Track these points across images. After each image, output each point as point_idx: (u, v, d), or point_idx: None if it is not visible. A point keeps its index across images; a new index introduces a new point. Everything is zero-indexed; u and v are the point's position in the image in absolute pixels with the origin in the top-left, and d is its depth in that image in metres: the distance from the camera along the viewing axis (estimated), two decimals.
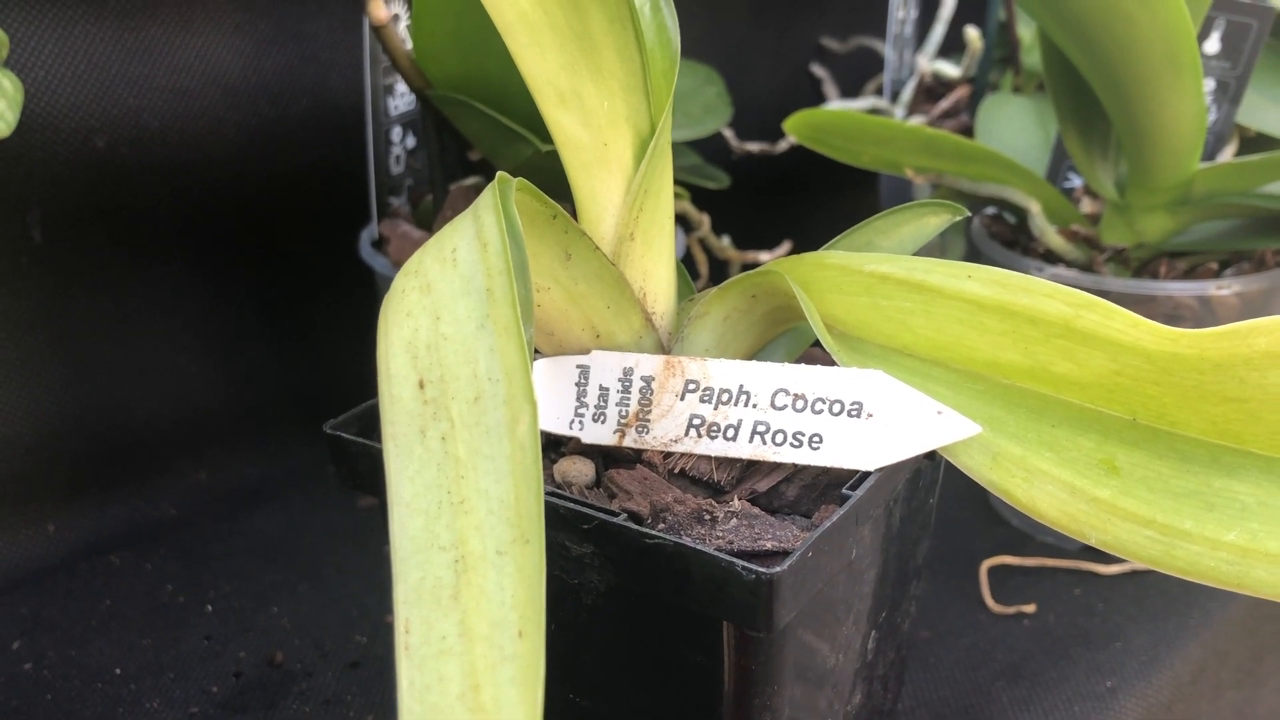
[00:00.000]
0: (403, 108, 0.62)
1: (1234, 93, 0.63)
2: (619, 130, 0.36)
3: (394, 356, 0.30)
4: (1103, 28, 0.48)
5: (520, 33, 0.34)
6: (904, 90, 0.84)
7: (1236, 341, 0.33)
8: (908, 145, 0.60)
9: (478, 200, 0.32)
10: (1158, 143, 0.56)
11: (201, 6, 0.60)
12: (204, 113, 0.61)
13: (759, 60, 0.93)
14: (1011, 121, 0.76)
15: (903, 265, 0.36)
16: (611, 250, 0.37)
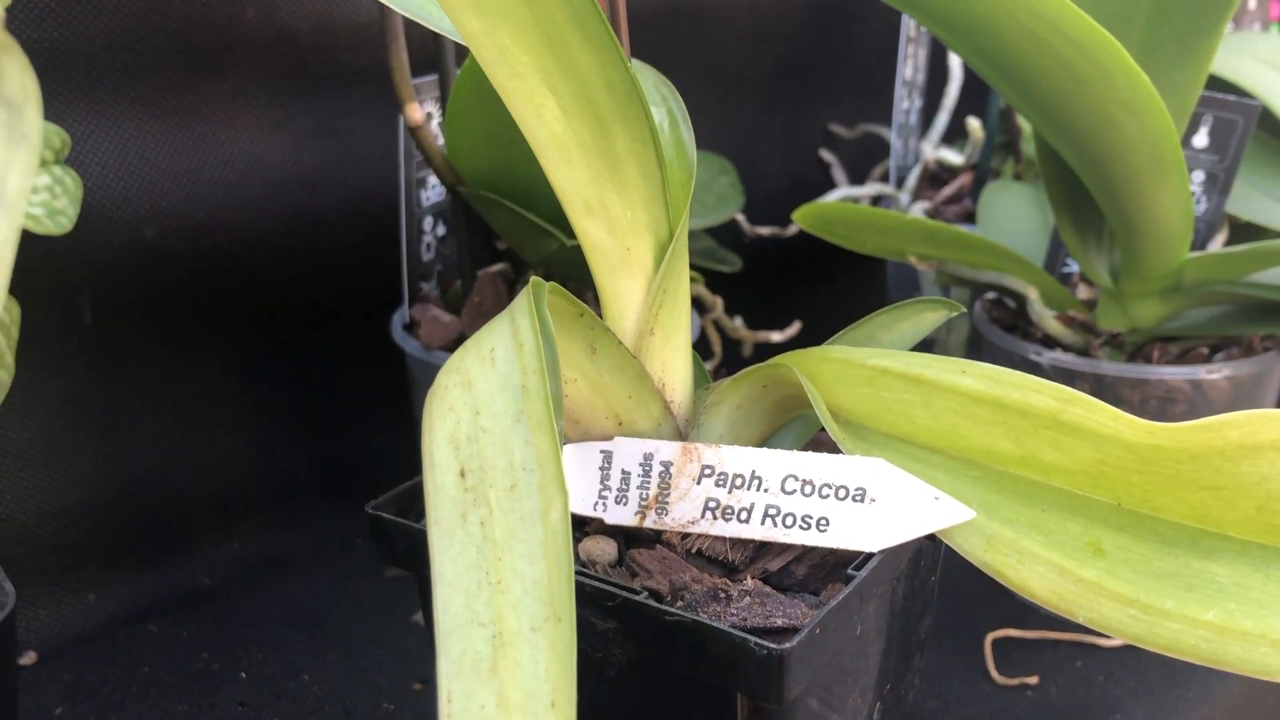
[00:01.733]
0: (433, 198, 0.65)
1: (1222, 184, 0.67)
2: (640, 237, 0.39)
3: (437, 447, 0.33)
4: (1092, 132, 0.52)
5: (552, 151, 0.37)
6: (909, 176, 0.88)
7: (1210, 434, 0.35)
8: (911, 235, 0.64)
9: (513, 303, 0.36)
10: (1148, 235, 0.59)
11: (246, 105, 0.64)
12: (246, 203, 0.65)
13: (770, 146, 0.97)
14: (1012, 208, 0.79)
15: (903, 360, 0.39)
16: (633, 344, 0.40)
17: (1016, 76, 0.50)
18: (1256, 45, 0.80)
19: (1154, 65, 0.58)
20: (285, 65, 0.65)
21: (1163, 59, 0.58)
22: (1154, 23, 0.57)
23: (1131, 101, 0.49)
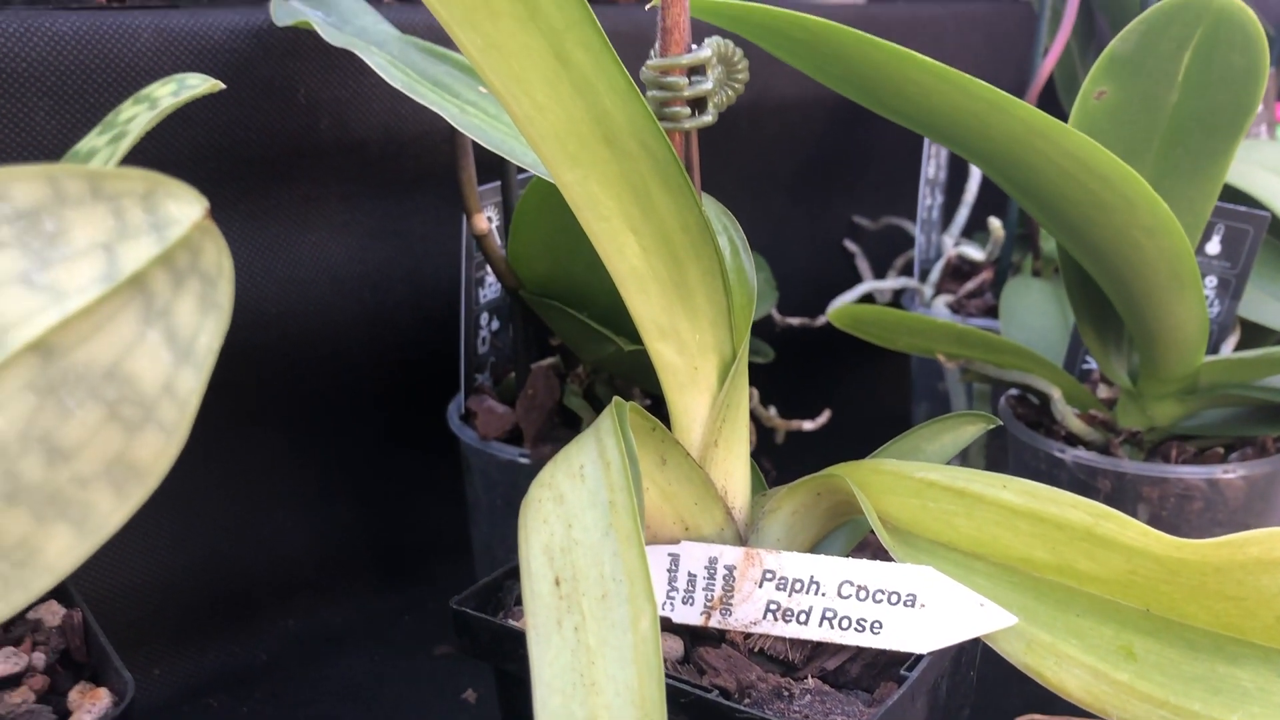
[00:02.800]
0: (490, 295, 0.69)
1: (1234, 289, 0.70)
2: (707, 357, 0.43)
3: (534, 557, 0.36)
4: (1114, 251, 0.56)
5: (631, 283, 0.41)
6: (933, 270, 0.92)
7: (1233, 550, 0.39)
8: (941, 337, 0.68)
9: (599, 422, 0.39)
10: (1165, 341, 0.62)
11: (317, 208, 0.69)
12: (314, 299, 0.69)
13: (798, 237, 1.01)
14: (1033, 305, 0.83)
15: (948, 474, 0.43)
16: (699, 455, 0.44)
17: (1042, 201, 0.54)
18: (1264, 152, 0.85)
19: (1170, 182, 0.62)
20: (353, 171, 0.69)
21: (1178, 177, 0.62)
22: (1170, 144, 0.61)
23: (1152, 226, 0.52)
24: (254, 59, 0.63)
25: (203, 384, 0.28)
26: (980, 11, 1.06)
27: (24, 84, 0.56)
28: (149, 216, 0.27)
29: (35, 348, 0.28)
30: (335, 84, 0.66)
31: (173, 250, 0.27)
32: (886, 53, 0.42)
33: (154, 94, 0.44)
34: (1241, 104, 0.59)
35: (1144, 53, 0.59)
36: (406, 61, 0.57)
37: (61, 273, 0.27)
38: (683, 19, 0.38)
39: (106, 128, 0.44)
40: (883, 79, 0.45)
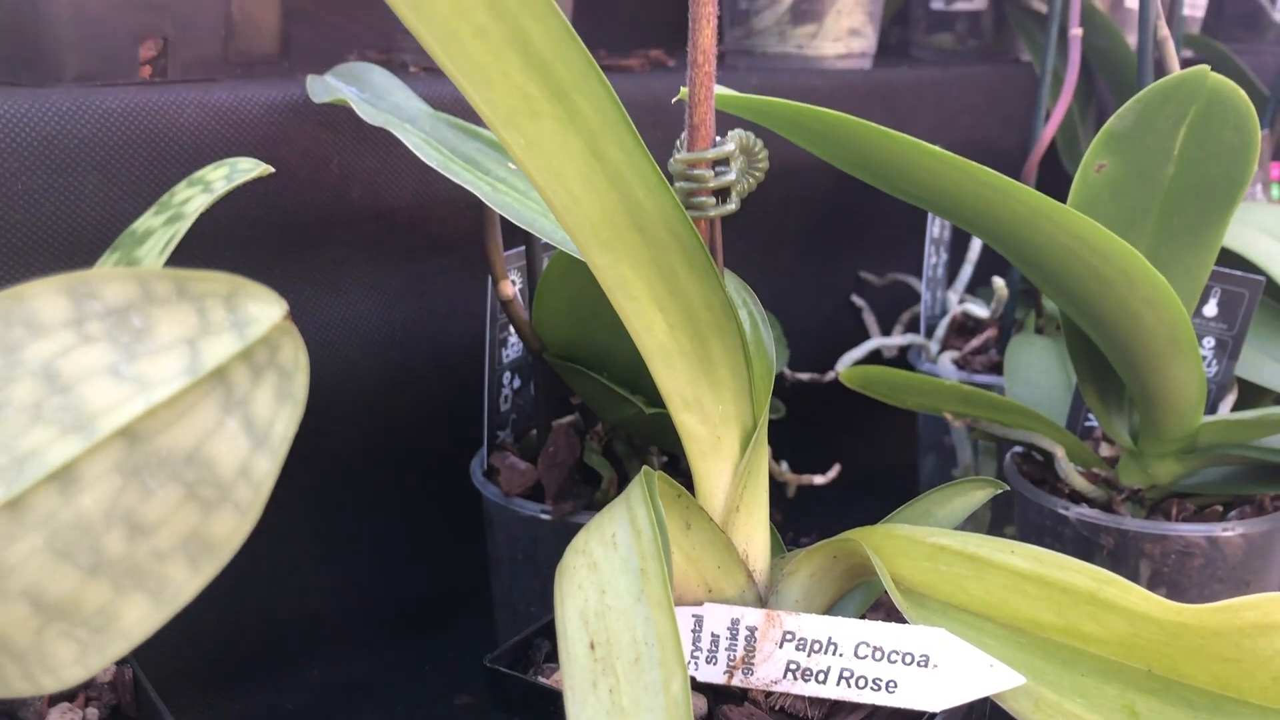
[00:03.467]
0: (513, 355, 0.72)
1: (1232, 350, 0.73)
2: (729, 427, 0.45)
3: (569, 621, 0.38)
4: (1114, 319, 0.58)
5: (658, 358, 0.44)
6: (939, 327, 0.94)
7: (1230, 615, 0.41)
8: (948, 397, 0.70)
9: (629, 491, 0.42)
10: (1165, 403, 0.65)
11: (347, 271, 0.71)
12: (343, 359, 0.72)
13: (806, 292, 1.04)
14: (1036, 362, 0.86)
15: (958, 539, 0.45)
16: (721, 520, 0.46)
17: (1045, 273, 0.57)
18: (1260, 215, 0.88)
19: (1168, 250, 0.65)
20: (383, 235, 0.72)
21: (1176, 245, 0.65)
22: (1167, 214, 0.64)
23: (1150, 298, 0.55)
24: (290, 132, 0.66)
25: (277, 467, 0.30)
26: (983, 74, 1.10)
27: (74, 159, 0.59)
28: (231, 315, 0.29)
29: (122, 434, 0.30)
30: (367, 154, 0.69)
31: (253, 347, 0.29)
32: (896, 142, 0.45)
33: (207, 177, 0.47)
34: (1235, 177, 0.62)
35: (1141, 129, 0.62)
36: (439, 138, 0.59)
37: (147, 365, 0.30)
38: (708, 118, 0.41)
39: (162, 208, 0.47)
40: (894, 165, 0.48)
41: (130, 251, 0.46)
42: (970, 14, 1.20)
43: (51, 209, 0.59)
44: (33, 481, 0.30)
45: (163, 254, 0.43)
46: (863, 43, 1.02)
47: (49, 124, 0.58)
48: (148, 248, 0.46)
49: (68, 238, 0.60)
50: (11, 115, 0.57)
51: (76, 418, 0.30)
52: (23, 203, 0.58)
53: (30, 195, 0.58)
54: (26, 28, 0.62)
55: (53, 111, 0.58)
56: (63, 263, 0.60)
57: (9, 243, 0.58)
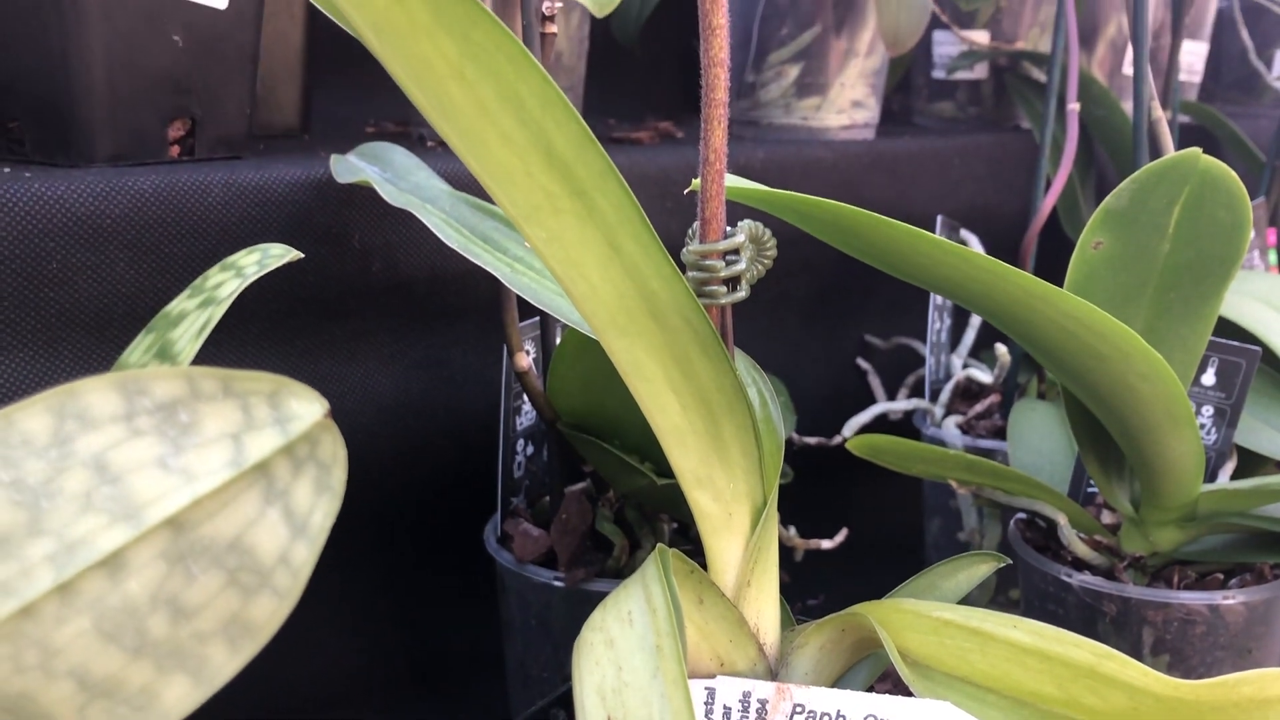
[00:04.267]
0: (526, 423, 0.74)
1: (1230, 418, 0.74)
2: (740, 504, 0.47)
3: (587, 696, 0.40)
4: (1111, 393, 0.60)
5: (671, 438, 0.45)
6: (943, 391, 0.96)
7: (1227, 690, 0.42)
8: (951, 465, 0.71)
9: (644, 569, 0.43)
10: (1164, 473, 0.66)
11: (365, 342, 0.73)
12: (362, 428, 0.74)
13: (812, 356, 1.06)
14: (1039, 427, 0.87)
15: (962, 613, 0.46)
16: (733, 594, 0.48)
17: (1043, 349, 0.59)
18: (1256, 284, 0.89)
19: (1164, 323, 0.67)
20: (400, 307, 0.74)
21: (1172, 318, 0.67)
22: (1163, 289, 0.66)
23: (1146, 373, 0.57)
24: (313, 209, 0.68)
25: (315, 555, 0.32)
26: (983, 143, 1.12)
27: (106, 239, 0.61)
28: (274, 412, 0.31)
29: (168, 523, 0.32)
30: (387, 229, 0.71)
31: (294, 442, 0.31)
32: (897, 230, 0.47)
33: (239, 262, 0.49)
34: (1228, 254, 0.64)
35: (1137, 208, 0.64)
36: (458, 218, 0.62)
37: (194, 458, 0.32)
38: (720, 212, 0.43)
39: (195, 291, 0.49)
40: (895, 251, 0.50)
41: (165, 333, 0.48)
42: (971, 83, 1.23)
43: (84, 286, 0.61)
44: (82, 567, 0.32)
45: (198, 338, 0.45)
46: (866, 114, 1.05)
47: (83, 205, 0.60)
48: (182, 330, 0.47)
49: (99, 314, 0.62)
50: (48, 197, 0.59)
51: (125, 507, 0.32)
52: (57, 280, 0.60)
53: (64, 273, 0.60)
54: (62, 109, 0.65)
55: (87, 193, 0.61)
56: (94, 337, 0.62)
57: (43, 319, 0.60)
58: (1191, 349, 0.67)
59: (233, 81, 0.71)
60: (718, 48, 0.41)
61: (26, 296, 0.59)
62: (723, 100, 0.42)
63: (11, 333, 0.59)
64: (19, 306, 0.59)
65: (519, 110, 0.38)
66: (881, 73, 1.06)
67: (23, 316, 0.59)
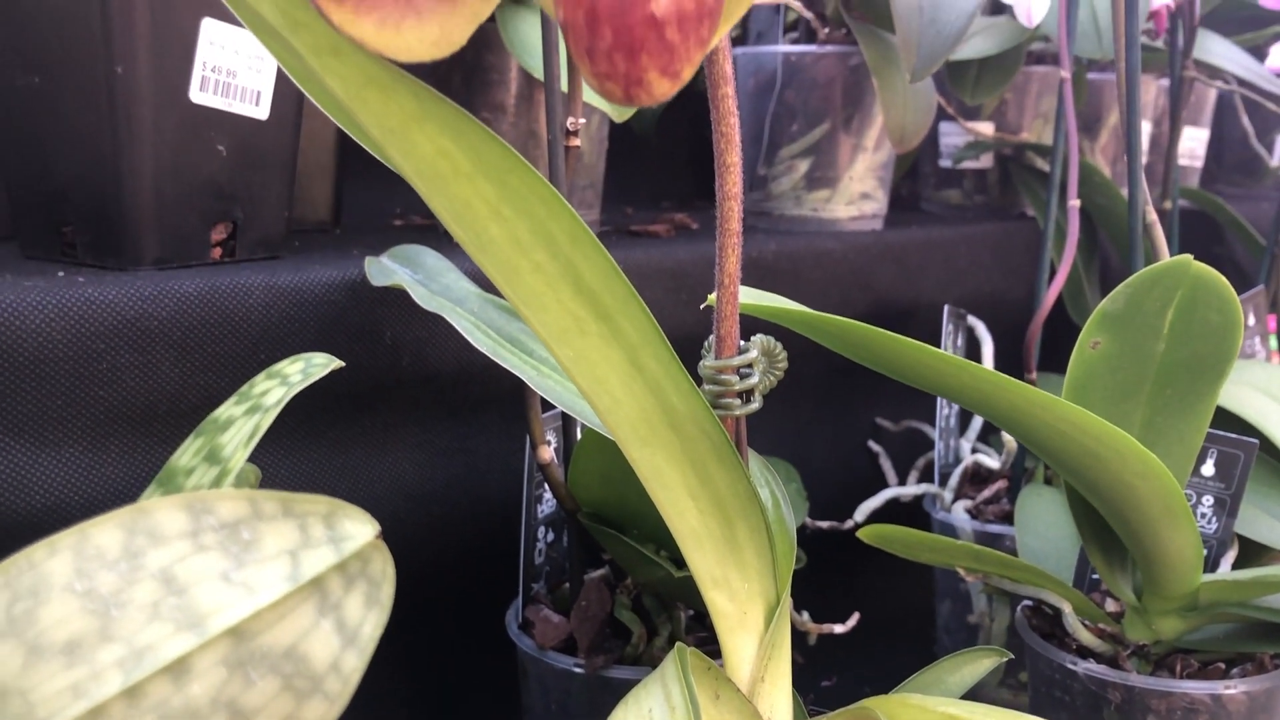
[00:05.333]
0: (547, 510, 0.76)
1: (1230, 508, 0.77)
2: (754, 603, 0.50)
3: None
4: (1110, 490, 0.63)
5: (689, 541, 0.48)
6: (952, 475, 0.99)
7: None
8: (958, 554, 0.74)
9: (664, 667, 0.46)
10: (1164, 564, 0.68)
11: (394, 432, 0.77)
12: (389, 515, 0.76)
13: (824, 439, 1.09)
14: (1045, 513, 0.89)
15: (966, 708, 0.49)
16: (748, 689, 0.50)
17: (1044, 450, 0.62)
18: (1255, 373, 0.92)
19: (1162, 419, 0.70)
20: (428, 398, 0.78)
21: (1169, 414, 0.69)
22: (1160, 386, 0.69)
23: (1143, 472, 0.59)
24: (347, 308, 0.72)
25: (364, 663, 0.35)
26: (989, 231, 1.16)
27: (153, 339, 0.65)
28: (329, 532, 0.34)
29: (230, 632, 0.35)
30: (416, 326, 0.75)
31: (347, 560, 0.34)
32: (904, 345, 0.50)
33: (284, 371, 0.53)
34: (1221, 353, 0.67)
35: (1132, 310, 0.67)
36: (486, 320, 0.65)
37: (254, 573, 0.35)
38: (734, 330, 0.47)
39: (243, 398, 0.53)
40: (899, 362, 0.53)
41: (213, 438, 0.51)
42: (977, 172, 1.27)
43: (131, 385, 0.64)
44: (149, 672, 0.35)
45: (247, 445, 0.48)
46: (874, 205, 1.08)
47: (132, 308, 0.64)
48: (230, 435, 0.51)
49: (144, 410, 0.65)
50: (99, 301, 0.63)
51: (190, 617, 0.35)
52: (106, 380, 0.64)
53: (112, 372, 0.64)
54: (112, 216, 0.69)
55: (135, 296, 0.64)
56: (139, 433, 0.65)
57: (93, 416, 0.63)
58: (1189, 442, 0.70)
59: (272, 186, 0.75)
60: (732, 183, 0.44)
61: (77, 394, 0.63)
62: (736, 230, 0.45)
63: (63, 429, 0.63)
64: (70, 404, 0.63)
65: (550, 245, 0.41)
66: (889, 166, 1.09)
67: (73, 414, 0.63)
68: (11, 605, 0.36)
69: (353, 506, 0.35)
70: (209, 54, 0.68)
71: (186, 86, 0.68)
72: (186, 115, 0.68)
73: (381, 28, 0.35)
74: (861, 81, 1.04)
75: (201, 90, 0.69)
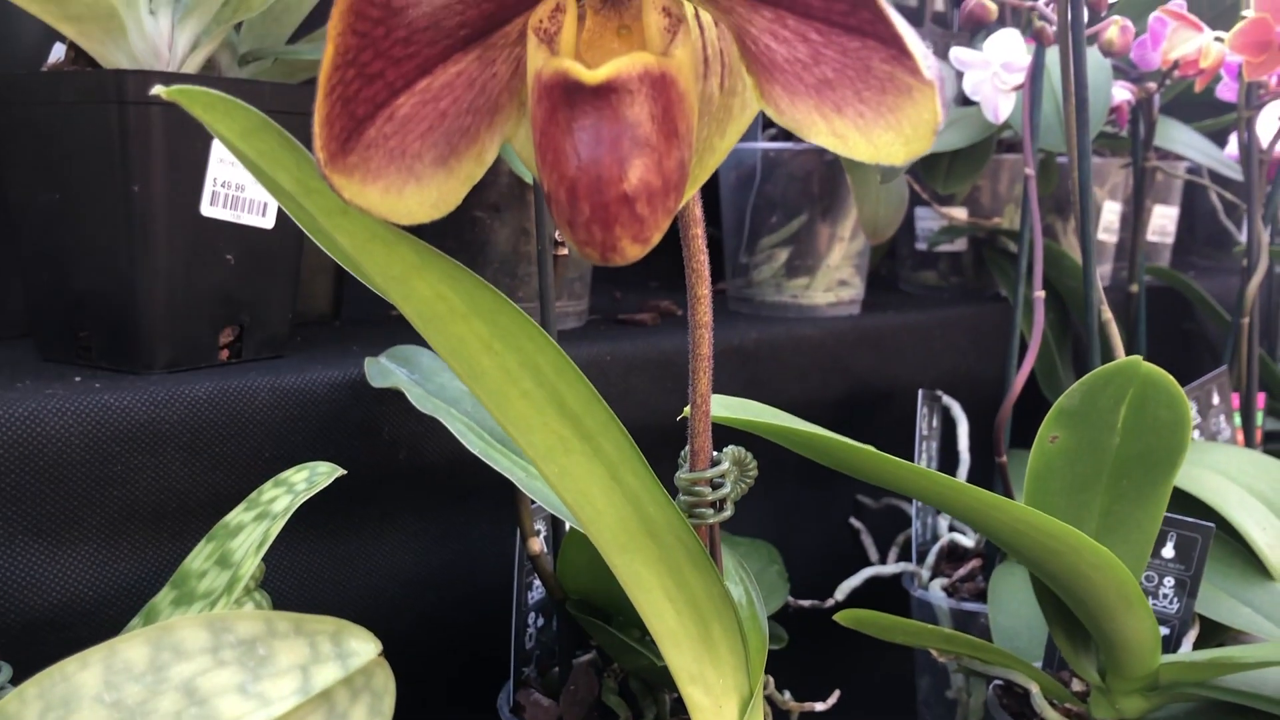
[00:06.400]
0: (537, 597, 0.80)
1: (1190, 589, 0.80)
2: (729, 697, 0.53)
3: None
4: (1068, 580, 0.66)
5: (668, 641, 0.52)
6: (930, 553, 1.02)
7: None
8: (931, 637, 0.77)
9: None
10: (1123, 647, 0.72)
11: (390, 522, 0.80)
12: (386, 602, 0.80)
13: (806, 517, 1.12)
14: (1016, 592, 0.93)
15: None
16: None
17: (1004, 543, 0.65)
18: (1214, 456, 0.96)
19: (1119, 506, 0.73)
20: (424, 489, 0.81)
21: (1126, 502, 0.73)
22: (1116, 477, 0.73)
23: (1097, 564, 0.63)
24: (348, 407, 0.76)
25: None
26: (963, 314, 1.21)
27: (164, 441, 0.69)
28: (336, 649, 0.38)
29: None
30: (412, 421, 0.79)
31: (353, 675, 0.38)
32: (864, 454, 0.54)
33: (290, 479, 0.57)
34: (1172, 446, 0.71)
35: (1087, 407, 0.71)
36: (479, 420, 0.69)
37: (269, 685, 0.38)
38: (707, 445, 0.51)
39: (251, 505, 0.56)
40: (864, 468, 0.57)
41: (224, 543, 0.55)
42: (952, 254, 1.32)
43: (143, 485, 0.68)
44: None
45: (258, 552, 0.52)
46: (851, 291, 1.13)
47: (145, 412, 0.68)
48: (240, 541, 0.54)
49: (155, 509, 0.69)
50: (115, 406, 0.67)
51: None
52: (120, 480, 0.67)
53: (126, 473, 0.67)
54: (127, 323, 0.73)
55: (148, 400, 0.68)
56: (150, 531, 0.69)
57: (106, 515, 0.67)
58: (1147, 529, 0.74)
59: (277, 289, 0.80)
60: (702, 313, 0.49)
61: (92, 495, 0.67)
62: (707, 355, 0.49)
63: (78, 528, 0.66)
64: (85, 504, 0.66)
65: (537, 375, 0.45)
66: (865, 253, 1.14)
67: (88, 513, 0.66)
68: (45, 714, 0.39)
69: (357, 626, 0.39)
70: (219, 170, 0.73)
71: (198, 201, 0.72)
72: (198, 228, 0.73)
73: (385, 195, 0.40)
74: (837, 175, 1.09)
75: (212, 204, 0.73)
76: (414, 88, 0.39)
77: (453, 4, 0.37)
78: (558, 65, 0.36)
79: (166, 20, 0.76)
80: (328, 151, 0.37)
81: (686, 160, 0.39)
